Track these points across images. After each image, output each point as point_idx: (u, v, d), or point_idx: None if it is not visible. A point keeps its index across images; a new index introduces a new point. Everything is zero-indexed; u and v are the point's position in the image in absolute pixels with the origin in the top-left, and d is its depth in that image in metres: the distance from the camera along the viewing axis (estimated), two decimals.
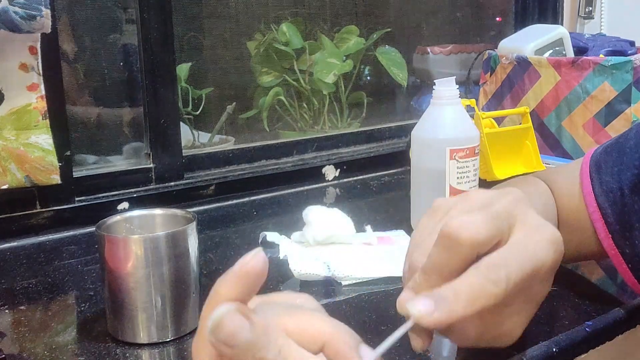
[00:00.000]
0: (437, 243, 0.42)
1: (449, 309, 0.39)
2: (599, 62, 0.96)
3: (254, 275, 0.31)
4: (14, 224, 0.82)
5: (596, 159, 0.57)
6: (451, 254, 0.41)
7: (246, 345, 0.30)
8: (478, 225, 0.41)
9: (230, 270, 0.32)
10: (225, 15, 1.14)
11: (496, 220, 0.42)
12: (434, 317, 0.38)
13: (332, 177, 1.10)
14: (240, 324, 0.30)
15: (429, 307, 0.39)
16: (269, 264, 0.33)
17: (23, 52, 0.76)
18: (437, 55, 1.39)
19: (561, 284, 0.63)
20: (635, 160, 0.52)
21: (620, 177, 0.53)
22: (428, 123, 0.75)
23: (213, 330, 0.30)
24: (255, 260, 0.31)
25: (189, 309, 0.55)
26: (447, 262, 0.41)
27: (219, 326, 0.30)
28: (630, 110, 0.94)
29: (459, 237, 0.40)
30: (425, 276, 0.42)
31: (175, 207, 0.60)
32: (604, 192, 0.54)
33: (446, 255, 0.41)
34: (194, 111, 1.10)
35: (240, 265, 0.31)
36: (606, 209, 0.54)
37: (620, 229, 0.53)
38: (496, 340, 0.47)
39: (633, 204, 0.52)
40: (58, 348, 0.54)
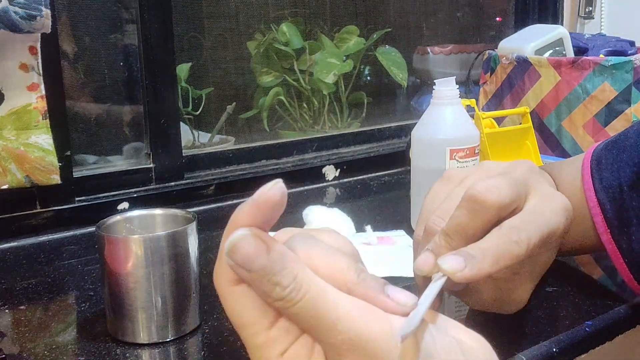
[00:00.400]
0: (462, 206, 0.44)
1: (478, 266, 0.40)
2: (599, 62, 0.96)
3: (271, 204, 0.31)
4: (14, 224, 0.82)
5: (597, 155, 0.58)
6: (476, 216, 0.43)
7: (262, 269, 0.30)
8: (503, 188, 0.43)
9: (249, 198, 0.31)
10: (225, 15, 1.14)
11: (516, 186, 0.45)
12: (464, 273, 0.40)
13: (332, 177, 1.10)
14: (257, 248, 0.30)
15: (460, 263, 0.40)
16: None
17: (23, 52, 0.76)
18: (437, 55, 1.39)
19: (561, 284, 0.63)
20: (634, 157, 0.53)
21: (620, 174, 0.54)
22: (428, 123, 0.75)
23: (229, 253, 0.31)
24: (274, 190, 0.31)
25: (189, 309, 0.55)
26: (472, 224, 0.43)
27: (234, 249, 0.30)
28: (630, 110, 0.94)
29: (486, 199, 0.43)
30: (447, 238, 0.44)
31: (175, 207, 0.60)
32: (604, 188, 0.55)
33: (471, 217, 0.43)
34: (194, 111, 1.10)
35: (258, 194, 0.31)
36: (605, 204, 0.54)
37: (618, 225, 0.54)
38: (506, 305, 0.50)
39: (631, 201, 0.53)
40: (58, 348, 0.54)
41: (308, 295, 0.30)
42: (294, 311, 0.31)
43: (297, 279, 0.31)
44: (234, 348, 0.53)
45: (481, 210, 0.43)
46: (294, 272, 0.31)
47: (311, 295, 0.30)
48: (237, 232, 0.31)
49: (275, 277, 0.30)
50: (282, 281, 0.30)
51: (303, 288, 0.30)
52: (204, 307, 0.58)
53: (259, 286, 0.31)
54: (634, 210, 0.53)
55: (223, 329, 0.56)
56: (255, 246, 0.30)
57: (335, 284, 0.32)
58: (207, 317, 0.58)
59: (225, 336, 0.55)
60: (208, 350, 0.53)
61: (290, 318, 0.31)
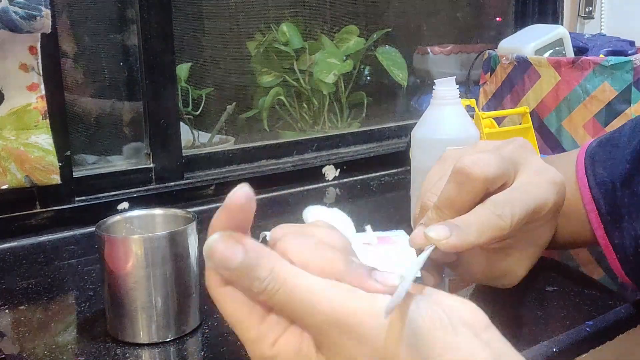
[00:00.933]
0: (450, 179, 0.46)
1: (462, 236, 0.42)
2: (599, 62, 0.96)
3: (239, 207, 0.34)
4: (14, 224, 0.82)
5: (591, 151, 0.59)
6: (463, 189, 0.45)
7: (239, 267, 0.33)
8: (489, 162, 0.45)
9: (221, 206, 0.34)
10: (225, 15, 1.14)
11: (504, 161, 0.47)
12: (450, 242, 0.42)
13: (332, 177, 1.10)
14: (231, 248, 0.33)
15: (445, 232, 0.42)
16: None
17: (23, 52, 0.76)
18: (437, 55, 1.39)
19: (561, 284, 0.63)
20: (627, 155, 0.54)
21: (613, 171, 0.55)
22: (428, 123, 0.75)
23: (207, 256, 0.34)
24: (239, 194, 0.33)
25: (189, 309, 0.55)
26: (459, 196, 0.45)
27: (211, 252, 0.33)
28: (630, 110, 0.94)
29: (472, 172, 0.45)
30: (437, 211, 0.46)
31: (175, 207, 0.60)
32: (598, 184, 0.56)
33: (459, 190, 0.45)
34: (194, 111, 1.10)
35: (226, 199, 0.34)
36: (599, 200, 0.56)
37: (611, 220, 0.55)
38: (500, 279, 0.52)
39: (623, 197, 0.54)
40: (58, 348, 0.54)
41: (285, 284, 0.33)
42: (276, 301, 0.33)
43: (274, 271, 0.33)
44: (234, 348, 0.53)
45: (468, 183, 0.45)
46: (269, 266, 0.33)
47: (288, 284, 0.33)
48: (212, 237, 0.34)
49: (253, 272, 0.33)
50: (260, 274, 0.33)
51: (280, 278, 0.33)
52: (204, 307, 0.58)
53: (241, 282, 0.33)
54: (626, 206, 0.54)
55: (223, 329, 0.56)
56: (229, 247, 0.33)
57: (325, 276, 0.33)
58: (207, 317, 0.58)
59: (225, 336, 0.55)
60: (208, 350, 0.53)
61: (276, 308, 0.34)
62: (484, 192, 0.46)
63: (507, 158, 0.48)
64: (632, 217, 0.52)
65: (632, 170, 0.53)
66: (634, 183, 0.52)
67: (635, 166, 0.53)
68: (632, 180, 0.53)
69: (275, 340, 0.34)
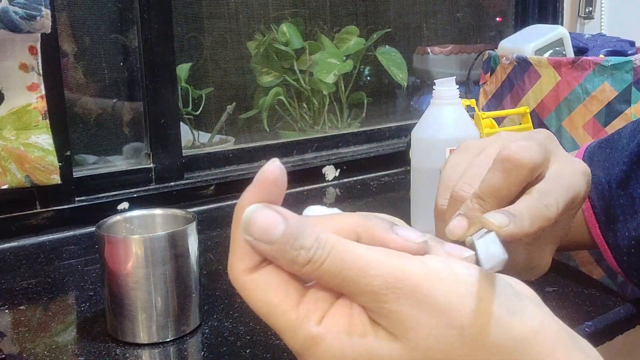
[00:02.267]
0: (495, 167, 0.44)
1: (519, 225, 0.41)
2: (599, 63, 0.96)
3: (272, 181, 0.31)
4: (14, 224, 0.82)
5: (590, 152, 0.59)
6: (511, 176, 0.44)
7: (283, 237, 0.30)
8: (534, 148, 0.44)
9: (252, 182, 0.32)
10: (225, 15, 1.14)
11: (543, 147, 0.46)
12: (509, 229, 0.40)
13: (332, 177, 1.10)
14: (273, 217, 0.30)
15: (505, 219, 0.40)
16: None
17: (23, 52, 0.76)
18: (437, 56, 1.39)
19: (561, 284, 0.63)
20: (624, 157, 0.54)
21: (610, 172, 0.55)
22: (428, 123, 0.75)
23: (246, 229, 0.30)
24: (273, 167, 0.31)
25: (189, 309, 0.55)
26: (506, 184, 0.44)
27: (251, 223, 0.30)
28: (630, 110, 0.94)
29: (521, 157, 0.43)
30: (479, 201, 0.44)
31: (175, 207, 0.60)
32: (594, 184, 0.56)
33: (505, 178, 0.44)
34: (194, 111, 1.10)
35: (259, 174, 0.31)
36: (595, 200, 0.56)
37: (605, 220, 0.56)
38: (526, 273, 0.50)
39: (619, 198, 0.54)
40: (58, 348, 0.54)
41: (334, 250, 0.30)
42: (324, 270, 0.30)
43: (320, 238, 0.30)
44: (234, 348, 0.53)
45: (515, 170, 0.44)
46: (314, 233, 0.30)
47: (337, 250, 0.30)
48: (249, 208, 0.31)
49: (298, 241, 0.30)
50: (305, 243, 0.30)
51: (327, 245, 0.30)
52: (204, 307, 0.58)
53: (283, 255, 0.30)
54: (621, 207, 0.54)
55: (223, 329, 0.56)
56: (271, 216, 0.30)
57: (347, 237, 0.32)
58: (207, 317, 0.58)
59: (225, 336, 0.55)
60: (208, 350, 0.53)
61: (322, 281, 0.31)
62: (529, 180, 0.45)
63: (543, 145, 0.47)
64: (626, 218, 0.52)
65: (628, 172, 0.53)
66: (630, 185, 0.53)
67: (631, 168, 0.53)
68: (628, 182, 0.53)
69: (321, 318, 0.31)
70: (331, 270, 0.30)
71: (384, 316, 0.30)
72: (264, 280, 0.31)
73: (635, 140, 0.54)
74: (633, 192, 0.52)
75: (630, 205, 0.52)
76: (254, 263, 0.31)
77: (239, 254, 0.31)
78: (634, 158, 0.53)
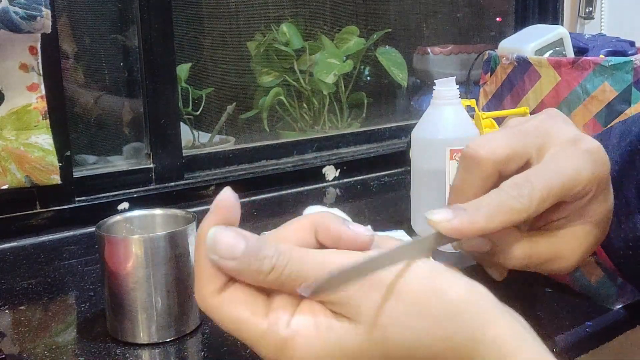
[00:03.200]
0: (459, 166, 0.44)
1: (468, 219, 0.40)
2: (599, 63, 0.96)
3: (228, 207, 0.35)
4: (14, 224, 0.82)
5: None
6: (471, 173, 0.43)
7: (246, 250, 0.33)
8: (497, 142, 0.43)
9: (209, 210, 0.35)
10: (225, 15, 1.14)
11: (521, 137, 0.44)
12: (452, 224, 0.39)
13: (332, 177, 1.10)
14: (234, 236, 0.34)
15: (448, 215, 0.40)
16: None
17: (23, 52, 0.76)
18: (437, 56, 1.39)
19: (561, 285, 0.63)
20: (616, 157, 0.54)
21: None
22: (428, 123, 0.75)
23: (212, 248, 0.33)
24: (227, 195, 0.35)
25: (189, 309, 0.55)
26: (469, 182, 0.43)
27: (215, 243, 0.33)
28: (630, 110, 0.94)
29: (477, 154, 0.43)
30: (452, 197, 0.45)
31: (175, 207, 0.60)
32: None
33: (467, 175, 0.44)
34: (194, 111, 1.10)
35: (215, 202, 0.35)
36: None
37: None
38: (550, 264, 0.47)
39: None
40: (58, 348, 0.54)
41: (292, 255, 0.34)
42: (287, 273, 0.33)
43: (278, 248, 0.34)
44: (234, 348, 0.53)
45: (474, 167, 0.43)
46: (273, 245, 0.34)
47: (295, 254, 0.34)
48: (211, 230, 0.34)
49: (261, 252, 0.33)
50: (267, 253, 0.33)
51: (286, 252, 0.34)
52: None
53: (249, 267, 0.33)
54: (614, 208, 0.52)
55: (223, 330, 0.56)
56: (232, 234, 0.34)
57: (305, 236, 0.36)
58: (207, 317, 0.58)
59: (225, 336, 0.55)
60: (208, 350, 0.53)
61: (285, 286, 0.34)
62: (497, 175, 0.43)
63: (528, 133, 0.44)
64: (620, 220, 0.52)
65: (621, 173, 0.53)
66: (622, 186, 0.52)
67: (623, 168, 0.53)
68: (620, 182, 0.52)
69: (289, 320, 0.34)
70: (293, 272, 0.33)
71: (344, 304, 0.33)
72: (232, 298, 0.34)
73: (626, 140, 0.54)
74: (627, 192, 0.52)
75: (624, 206, 0.52)
76: (220, 284, 0.34)
77: (205, 278, 0.34)
78: (627, 158, 0.53)
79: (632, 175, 0.52)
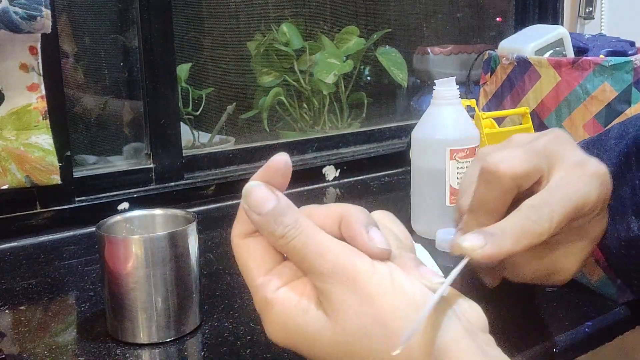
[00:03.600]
0: (479, 180, 0.45)
1: (498, 244, 0.41)
2: (599, 63, 0.96)
3: (275, 169, 0.38)
4: (14, 224, 0.82)
5: None
6: (492, 188, 0.44)
7: (271, 211, 0.37)
8: (515, 158, 0.44)
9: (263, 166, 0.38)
10: (225, 15, 1.14)
11: (534, 156, 0.45)
12: (484, 251, 0.41)
13: (333, 177, 1.10)
14: (268, 195, 0.37)
15: (480, 241, 0.41)
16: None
17: (23, 52, 0.76)
18: (437, 56, 1.39)
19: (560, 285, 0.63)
20: (613, 158, 0.54)
21: None
22: (428, 123, 0.75)
23: (244, 197, 0.37)
24: (278, 159, 0.38)
25: (189, 309, 0.55)
26: (490, 197, 0.44)
27: (249, 194, 0.37)
28: (630, 110, 0.94)
29: (498, 169, 0.43)
30: (472, 215, 0.45)
31: (175, 207, 0.60)
32: None
33: (488, 190, 0.44)
34: (194, 111, 1.10)
35: (269, 161, 0.38)
36: None
37: None
38: (550, 277, 0.50)
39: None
40: (58, 348, 0.54)
41: (303, 232, 0.36)
42: (291, 246, 0.36)
43: (297, 221, 0.37)
44: (234, 348, 0.53)
45: (495, 182, 0.44)
46: (295, 216, 0.37)
47: (305, 233, 0.36)
48: (251, 183, 0.38)
49: (280, 218, 0.36)
50: (285, 221, 0.36)
51: (300, 227, 0.36)
52: (204, 307, 0.58)
53: (267, 226, 0.37)
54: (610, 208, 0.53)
55: (223, 329, 0.56)
56: (266, 193, 0.37)
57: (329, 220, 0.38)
58: (207, 317, 0.58)
59: (225, 336, 0.55)
60: (208, 350, 0.53)
61: (289, 256, 0.37)
62: (516, 190, 0.44)
63: (539, 152, 0.45)
64: (615, 220, 0.52)
65: (617, 174, 0.53)
66: (618, 186, 0.52)
67: (619, 169, 0.53)
68: (617, 183, 0.52)
69: (278, 287, 0.37)
70: (296, 247, 0.36)
71: (326, 296, 0.36)
72: (249, 246, 0.38)
73: (623, 141, 0.54)
74: (622, 193, 0.52)
75: (619, 207, 0.52)
76: (248, 230, 0.38)
77: (239, 219, 0.39)
78: (623, 159, 0.53)
79: (627, 176, 0.52)
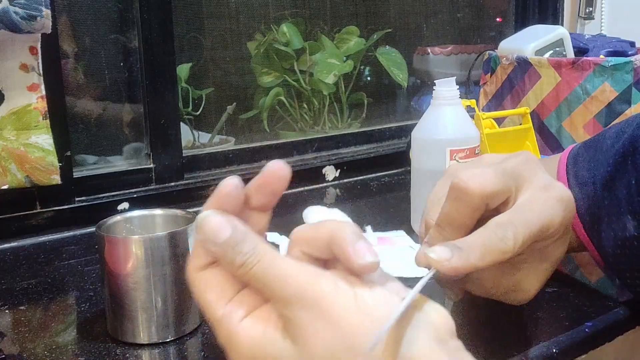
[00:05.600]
0: (448, 196, 0.45)
1: (465, 258, 0.42)
2: (599, 63, 0.96)
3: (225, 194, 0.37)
4: (14, 224, 0.82)
5: (575, 152, 0.59)
6: (461, 205, 0.45)
7: (228, 240, 0.35)
8: (486, 177, 0.45)
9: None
10: (225, 15, 1.14)
11: (504, 176, 0.46)
12: (451, 263, 0.42)
13: (333, 177, 1.10)
14: (221, 223, 0.36)
15: (447, 254, 0.42)
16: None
17: (23, 52, 0.76)
18: (437, 56, 1.39)
19: (560, 285, 0.63)
20: (609, 158, 0.54)
21: (594, 173, 0.55)
22: (428, 123, 0.75)
23: (199, 228, 0.36)
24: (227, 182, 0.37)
25: (189, 309, 0.55)
26: (458, 213, 0.45)
27: (202, 225, 0.36)
28: (630, 110, 0.94)
29: (468, 187, 0.44)
30: (438, 229, 0.46)
31: (175, 207, 0.60)
32: (578, 184, 0.56)
33: (457, 206, 0.45)
34: (194, 111, 1.10)
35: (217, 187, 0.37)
36: (578, 200, 0.55)
37: (590, 221, 0.56)
38: (511, 295, 0.51)
39: (603, 199, 0.54)
40: (58, 348, 0.54)
41: (263, 258, 0.35)
42: (251, 274, 0.35)
43: (256, 248, 0.36)
44: None
45: (464, 199, 0.44)
46: (253, 243, 0.36)
47: (265, 259, 0.35)
48: (204, 212, 0.37)
49: (238, 246, 0.35)
50: (244, 249, 0.35)
51: (259, 254, 0.35)
52: None
53: (225, 255, 0.36)
54: (605, 208, 0.54)
55: None
56: (220, 221, 0.36)
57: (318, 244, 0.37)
58: None
59: None
60: (208, 350, 0.53)
61: (251, 284, 0.36)
62: (484, 208, 0.45)
63: (508, 172, 0.47)
64: (611, 220, 0.52)
65: (613, 174, 0.53)
66: (615, 186, 0.52)
67: (616, 169, 0.53)
68: (613, 183, 0.53)
69: (242, 317, 0.36)
70: (257, 274, 0.35)
71: (290, 320, 0.34)
72: (207, 279, 0.37)
73: (620, 141, 0.54)
74: (618, 193, 0.52)
75: (615, 207, 0.52)
76: (204, 263, 0.37)
77: (194, 253, 0.37)
78: (619, 159, 0.53)
79: (624, 176, 0.52)
